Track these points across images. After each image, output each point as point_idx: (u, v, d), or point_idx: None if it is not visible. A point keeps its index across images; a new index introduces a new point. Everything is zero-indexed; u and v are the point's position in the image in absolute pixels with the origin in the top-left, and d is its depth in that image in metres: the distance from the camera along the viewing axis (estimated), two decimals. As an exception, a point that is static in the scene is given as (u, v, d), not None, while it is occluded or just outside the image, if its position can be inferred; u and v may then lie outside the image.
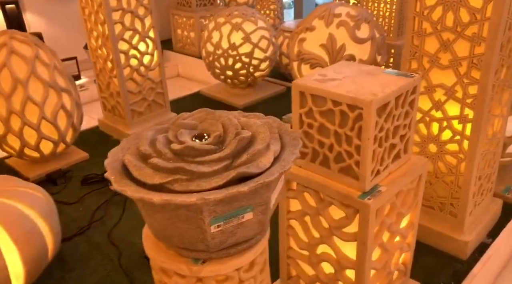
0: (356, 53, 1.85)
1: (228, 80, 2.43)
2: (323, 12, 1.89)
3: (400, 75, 0.90)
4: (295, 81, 0.91)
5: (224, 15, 2.34)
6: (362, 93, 0.82)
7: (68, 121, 1.76)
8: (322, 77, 0.91)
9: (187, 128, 0.72)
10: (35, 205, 1.17)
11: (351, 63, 0.99)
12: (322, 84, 0.87)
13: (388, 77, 0.89)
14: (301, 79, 0.91)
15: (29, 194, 1.21)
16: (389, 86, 0.85)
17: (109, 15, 1.80)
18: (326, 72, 0.94)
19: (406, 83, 0.86)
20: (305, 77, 0.92)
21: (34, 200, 1.18)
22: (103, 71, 2.01)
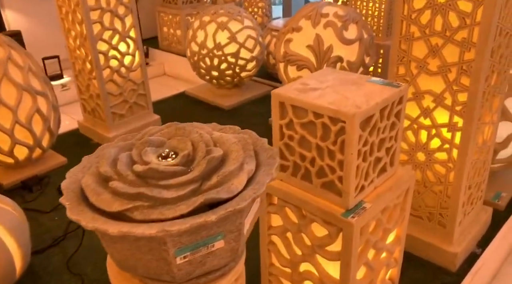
0: (343, 54, 1.80)
1: (213, 80, 2.36)
2: (310, 11, 1.83)
3: (385, 85, 0.84)
4: (274, 91, 0.85)
5: (209, 14, 2.27)
6: (345, 105, 0.76)
7: (44, 125, 1.68)
8: (304, 86, 0.86)
9: (153, 145, 0.66)
10: (1, 219, 1.10)
11: (335, 70, 0.93)
12: (303, 94, 0.82)
13: (373, 87, 0.83)
14: (281, 88, 0.86)
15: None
16: (374, 97, 0.79)
17: (87, 14, 1.73)
18: (308, 80, 0.89)
19: (392, 93, 0.81)
20: (286, 86, 0.86)
21: (0, 214, 1.12)
22: (82, 72, 1.93)
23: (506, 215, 1.44)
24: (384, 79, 0.87)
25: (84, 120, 2.10)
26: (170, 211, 0.55)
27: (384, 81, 0.86)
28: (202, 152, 0.63)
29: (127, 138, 0.74)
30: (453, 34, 1.01)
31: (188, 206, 0.56)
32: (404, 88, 0.83)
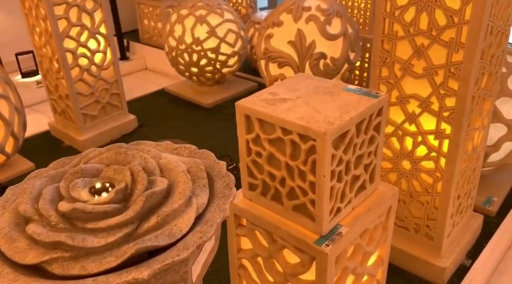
0: (327, 50, 1.70)
1: (193, 77, 2.25)
2: (291, 5, 1.72)
3: (363, 94, 0.75)
4: (239, 102, 0.75)
5: (187, 7, 2.15)
6: (316, 120, 0.67)
7: (7, 130, 1.57)
8: (272, 97, 0.76)
9: (87, 175, 0.56)
10: None
11: (308, 76, 0.83)
12: (270, 107, 0.72)
13: (349, 97, 0.74)
14: (246, 99, 0.76)
15: None
16: (349, 110, 0.70)
17: (51, 9, 1.60)
18: (278, 89, 0.79)
19: (370, 105, 0.72)
20: (252, 97, 0.77)
21: None
22: (50, 72, 1.81)
23: (498, 221, 1.37)
24: (362, 88, 0.77)
25: (55, 121, 1.99)
26: (95, 264, 0.45)
27: (362, 90, 0.76)
28: (142, 185, 0.53)
29: (65, 163, 0.64)
30: (440, 33, 0.91)
31: (117, 257, 0.46)
32: (384, 98, 0.74)
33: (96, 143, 1.88)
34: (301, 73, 0.85)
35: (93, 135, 1.87)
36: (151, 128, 2.03)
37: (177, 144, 1.35)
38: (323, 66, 1.71)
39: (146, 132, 1.99)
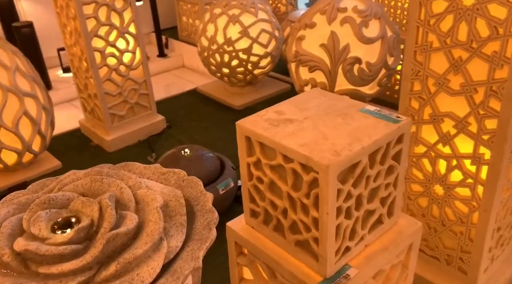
0: (362, 54, 1.58)
1: (225, 78, 2.19)
2: (325, 6, 1.62)
3: (382, 118, 0.65)
4: (239, 122, 0.67)
5: (221, 6, 2.09)
6: (321, 149, 0.58)
7: (34, 129, 1.58)
8: (277, 117, 0.68)
9: (55, 205, 0.50)
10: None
11: (323, 93, 0.74)
12: (272, 129, 0.64)
13: (365, 121, 0.64)
14: (249, 119, 0.68)
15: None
16: (362, 137, 0.60)
17: (80, 8, 1.60)
18: (286, 107, 0.71)
19: (388, 132, 0.62)
20: (255, 117, 0.69)
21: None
22: (79, 70, 1.82)
23: (546, 254, 1.21)
24: (382, 109, 0.67)
25: (85, 120, 2.00)
26: (37, 320, 0.40)
27: (381, 113, 0.66)
28: (109, 223, 0.47)
29: (46, 185, 0.60)
30: (481, 46, 0.79)
31: (62, 313, 0.40)
32: (405, 124, 0.64)
33: (123, 143, 1.87)
34: (317, 89, 0.76)
35: (120, 135, 1.86)
36: (179, 129, 1.99)
37: (196, 150, 1.29)
38: (358, 71, 1.60)
39: (173, 133, 1.96)
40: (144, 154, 1.81)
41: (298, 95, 0.75)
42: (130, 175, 0.55)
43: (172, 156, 1.36)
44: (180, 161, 1.34)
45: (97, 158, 1.81)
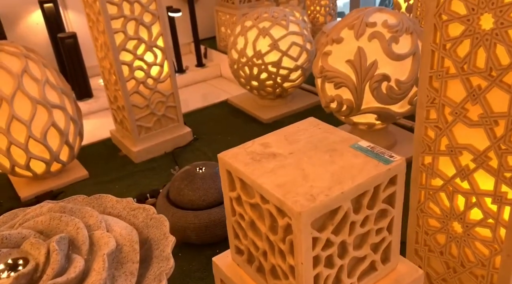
0: (391, 72, 1.50)
1: (254, 90, 2.17)
2: (354, 20, 1.55)
3: (373, 156, 0.59)
4: (221, 154, 0.64)
5: (252, 18, 2.07)
6: (296, 192, 0.53)
7: (61, 140, 1.63)
8: (262, 150, 0.63)
9: (9, 244, 0.49)
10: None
11: (319, 124, 0.69)
12: (253, 165, 0.60)
13: (353, 160, 0.59)
14: (232, 151, 0.65)
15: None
16: (345, 179, 0.55)
17: (108, 23, 1.63)
18: (273, 139, 0.66)
19: (375, 174, 0.56)
20: (240, 149, 0.65)
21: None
22: (109, 83, 1.86)
23: None
24: (376, 147, 0.61)
25: (115, 130, 2.04)
26: None
27: (374, 151, 0.60)
28: (53, 269, 0.45)
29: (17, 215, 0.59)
30: (502, 75, 0.70)
31: None
32: (397, 165, 0.57)
33: (149, 154, 1.89)
34: (313, 119, 0.71)
35: (146, 146, 1.88)
36: (205, 142, 1.99)
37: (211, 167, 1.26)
38: (386, 89, 1.51)
39: (199, 146, 1.96)
40: (168, 166, 1.82)
41: (293, 125, 0.71)
42: (92, 212, 0.53)
43: (187, 173, 1.35)
44: (194, 179, 1.32)
45: (124, 168, 1.84)
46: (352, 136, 0.65)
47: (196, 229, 1.27)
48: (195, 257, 1.31)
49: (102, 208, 0.59)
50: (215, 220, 1.27)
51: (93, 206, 0.59)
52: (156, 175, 1.77)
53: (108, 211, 0.59)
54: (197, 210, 1.29)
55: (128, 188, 1.69)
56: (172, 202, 1.35)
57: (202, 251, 1.33)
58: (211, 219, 1.27)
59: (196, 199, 1.30)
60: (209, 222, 1.27)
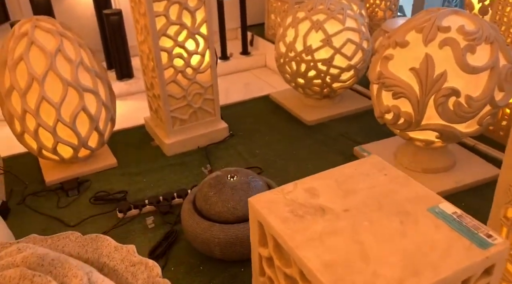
0: (462, 86, 1.29)
1: (299, 88, 2.00)
2: (423, 22, 1.34)
3: (462, 232, 0.42)
4: (252, 199, 0.50)
5: (306, 9, 1.89)
6: (351, 282, 0.38)
7: (91, 125, 1.54)
8: (306, 200, 0.48)
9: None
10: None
11: (385, 167, 0.53)
12: (293, 222, 0.45)
13: (434, 234, 0.42)
14: (266, 196, 0.50)
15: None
16: (424, 268, 0.39)
17: (150, 5, 1.51)
18: (323, 184, 0.51)
19: (468, 265, 0.39)
20: (276, 194, 0.50)
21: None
22: (146, 69, 1.75)
23: None
24: (462, 214, 0.44)
25: (150, 118, 1.94)
26: None
27: (462, 223, 0.43)
28: None
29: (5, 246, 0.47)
30: None
31: None
32: (498, 252, 0.40)
33: (182, 148, 1.78)
34: (376, 158, 0.55)
35: (179, 139, 1.77)
36: (241, 140, 1.85)
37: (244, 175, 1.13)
38: (454, 106, 1.31)
39: (234, 144, 1.82)
40: (200, 163, 1.70)
41: (349, 164, 0.55)
42: (77, 271, 0.40)
43: (216, 180, 1.22)
44: (223, 187, 1.19)
45: (154, 160, 1.74)
46: (429, 193, 0.48)
47: (221, 244, 1.14)
48: (218, 274, 1.19)
49: (97, 255, 0.47)
50: (243, 237, 1.13)
51: (86, 249, 0.47)
52: (186, 171, 1.65)
53: (102, 261, 0.46)
54: (224, 223, 1.16)
55: (156, 183, 1.59)
56: (198, 210, 1.22)
57: (226, 268, 1.21)
58: (238, 236, 1.13)
59: (224, 211, 1.17)
60: (236, 239, 1.14)
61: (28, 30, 1.42)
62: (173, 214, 1.42)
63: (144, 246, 1.29)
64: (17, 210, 1.48)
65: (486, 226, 0.42)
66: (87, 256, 0.46)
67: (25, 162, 1.74)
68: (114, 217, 1.42)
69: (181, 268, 1.21)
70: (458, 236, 0.42)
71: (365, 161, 0.55)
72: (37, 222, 1.42)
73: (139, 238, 1.32)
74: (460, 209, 0.45)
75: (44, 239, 0.48)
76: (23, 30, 1.43)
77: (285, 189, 0.50)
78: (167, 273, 1.19)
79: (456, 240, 0.41)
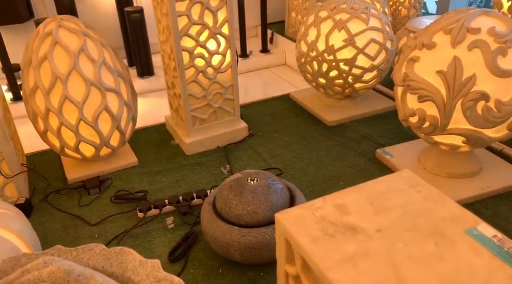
0: (491, 90, 1.25)
1: (320, 88, 1.97)
2: (452, 23, 1.30)
3: (503, 256, 0.40)
4: (279, 215, 0.48)
5: (328, 8, 1.86)
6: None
7: (113, 125, 1.55)
8: (336, 217, 0.47)
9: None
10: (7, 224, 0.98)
11: (418, 183, 0.51)
12: (323, 242, 0.43)
13: (472, 258, 0.40)
14: (293, 212, 0.48)
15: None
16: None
17: (172, 5, 1.50)
18: (354, 199, 0.49)
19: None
20: (304, 209, 0.49)
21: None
22: (168, 68, 1.75)
23: None
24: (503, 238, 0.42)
25: (170, 116, 1.94)
26: None
27: (505, 248, 0.41)
28: None
29: (20, 263, 0.47)
30: None
31: None
32: (545, 282, 0.38)
33: (202, 147, 1.78)
34: (408, 173, 0.53)
35: (199, 139, 1.76)
36: (260, 140, 1.84)
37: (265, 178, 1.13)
38: (482, 110, 1.27)
39: (253, 144, 1.81)
40: (219, 163, 1.69)
41: (381, 179, 0.53)
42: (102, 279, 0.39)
43: (236, 182, 1.21)
44: (244, 190, 1.18)
45: (174, 159, 1.74)
46: (466, 212, 0.46)
47: (241, 248, 1.14)
48: (236, 278, 1.18)
49: (122, 269, 0.46)
50: (263, 242, 1.12)
51: (111, 263, 0.47)
52: (205, 171, 1.65)
53: (127, 275, 0.46)
54: (244, 227, 1.15)
55: (176, 183, 1.59)
56: (218, 212, 1.22)
57: (245, 272, 1.20)
58: (258, 240, 1.12)
59: (244, 214, 1.16)
60: (255, 243, 1.12)
61: (53, 30, 1.43)
62: (192, 214, 1.41)
63: (164, 247, 1.29)
64: (40, 207, 1.50)
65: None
66: (112, 270, 0.45)
67: (47, 160, 1.76)
68: (134, 217, 1.43)
69: (200, 270, 1.21)
70: (500, 263, 0.39)
71: (398, 176, 0.53)
72: (59, 220, 1.44)
73: (159, 239, 1.33)
74: (500, 232, 0.43)
75: (69, 251, 0.47)
76: (47, 29, 1.44)
77: (314, 205, 0.48)
78: (186, 275, 1.19)
79: (497, 267, 0.39)
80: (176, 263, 1.24)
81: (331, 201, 0.49)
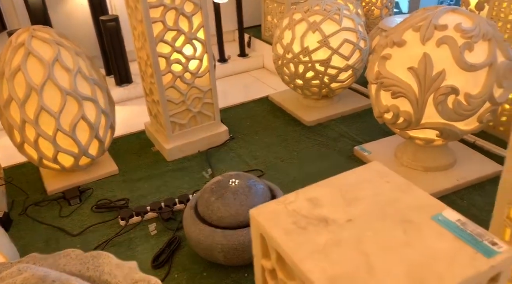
0: (461, 84, 1.29)
1: (298, 89, 2.00)
2: (420, 21, 1.34)
3: (466, 240, 0.42)
4: (253, 211, 0.49)
5: (302, 11, 1.89)
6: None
7: (91, 133, 1.54)
8: (309, 211, 0.48)
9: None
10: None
11: (387, 174, 0.53)
12: (296, 234, 0.45)
13: (438, 243, 0.42)
14: (267, 208, 0.50)
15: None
16: (429, 280, 0.38)
17: (147, 11, 1.50)
18: (326, 193, 0.51)
19: (474, 274, 0.39)
20: (277, 205, 0.50)
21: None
22: (145, 75, 1.75)
23: None
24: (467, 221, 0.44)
25: (150, 123, 1.94)
26: None
27: (466, 230, 0.43)
28: None
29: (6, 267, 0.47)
30: None
31: None
32: (504, 260, 0.40)
33: (182, 152, 1.78)
34: (378, 164, 0.55)
35: (179, 144, 1.76)
36: (241, 142, 1.85)
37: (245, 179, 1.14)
38: (453, 104, 1.31)
39: (234, 147, 1.82)
40: (201, 167, 1.70)
41: (352, 171, 0.55)
42: None
43: (218, 185, 1.22)
44: (225, 192, 1.19)
45: (155, 166, 1.74)
46: (432, 200, 0.48)
47: (224, 250, 1.14)
48: (221, 280, 1.19)
49: (99, 273, 0.47)
50: (246, 243, 1.13)
51: (88, 267, 0.47)
52: (187, 176, 1.65)
53: (104, 278, 0.46)
54: (227, 229, 1.16)
55: (157, 189, 1.59)
56: (200, 216, 1.22)
57: (230, 273, 1.20)
58: (241, 241, 1.13)
59: (226, 216, 1.17)
60: (238, 245, 1.13)
61: (25, 40, 1.41)
62: (175, 220, 1.41)
63: (147, 253, 1.29)
64: (19, 220, 1.48)
65: (491, 234, 0.42)
66: (89, 274, 0.46)
67: (26, 172, 1.74)
68: (116, 225, 1.42)
69: (184, 274, 1.21)
70: (463, 245, 0.41)
71: (368, 168, 0.54)
72: (40, 232, 1.42)
73: (142, 246, 1.32)
74: (463, 216, 0.45)
75: (45, 258, 0.48)
76: (20, 40, 1.43)
77: (287, 199, 0.49)
78: (170, 281, 1.19)
79: (460, 249, 0.41)
80: (159, 269, 1.23)
81: (304, 195, 0.50)
